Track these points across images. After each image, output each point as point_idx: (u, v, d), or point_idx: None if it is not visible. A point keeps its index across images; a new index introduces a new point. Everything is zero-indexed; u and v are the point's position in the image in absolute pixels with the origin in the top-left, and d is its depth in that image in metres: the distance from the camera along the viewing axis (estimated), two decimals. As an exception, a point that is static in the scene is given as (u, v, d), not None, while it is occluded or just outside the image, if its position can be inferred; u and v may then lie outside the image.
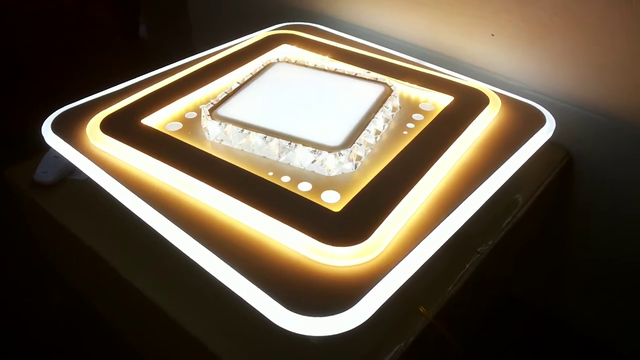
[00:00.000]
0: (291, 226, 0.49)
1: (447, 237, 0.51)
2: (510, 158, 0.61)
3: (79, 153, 0.60)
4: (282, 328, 0.44)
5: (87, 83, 1.37)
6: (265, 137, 0.59)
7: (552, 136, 0.66)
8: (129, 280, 0.58)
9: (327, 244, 0.47)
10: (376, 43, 0.86)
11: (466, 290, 0.59)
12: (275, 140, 0.58)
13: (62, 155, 0.70)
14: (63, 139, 0.63)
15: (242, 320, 0.53)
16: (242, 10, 1.16)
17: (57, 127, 0.64)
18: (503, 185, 0.59)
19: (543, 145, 0.66)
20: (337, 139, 0.59)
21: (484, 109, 0.67)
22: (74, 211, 0.67)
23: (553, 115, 0.68)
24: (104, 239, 0.63)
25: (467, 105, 0.68)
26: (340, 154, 0.56)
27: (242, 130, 0.60)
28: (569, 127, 0.75)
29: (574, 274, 0.87)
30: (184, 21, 1.36)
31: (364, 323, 0.43)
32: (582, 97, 0.74)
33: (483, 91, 0.71)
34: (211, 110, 0.63)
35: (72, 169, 0.71)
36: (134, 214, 0.58)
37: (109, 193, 0.62)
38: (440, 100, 0.70)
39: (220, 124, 0.61)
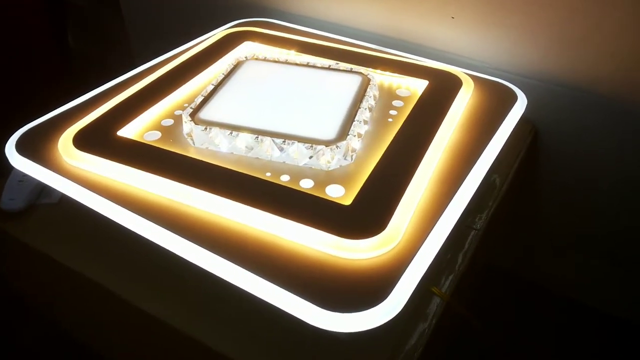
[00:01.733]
0: (306, 224, 0.48)
1: (455, 219, 0.52)
2: (495, 135, 0.63)
3: (54, 174, 0.56)
4: (309, 328, 0.43)
5: (20, 98, 1.29)
6: (257, 137, 0.57)
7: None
8: (131, 301, 0.55)
9: (347, 238, 0.47)
10: (334, 34, 0.86)
11: (471, 267, 0.60)
12: (268, 139, 0.56)
13: (29, 179, 0.65)
14: (32, 160, 0.58)
15: (263, 327, 0.52)
16: (185, 12, 1.12)
17: (22, 148, 0.59)
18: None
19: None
20: (329, 133, 0.58)
21: (459, 90, 0.69)
22: (53, 237, 0.62)
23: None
24: (93, 262, 0.59)
25: (443, 88, 0.69)
26: (337, 147, 0.56)
27: (231, 133, 0.57)
28: (533, 101, 0.77)
29: (547, 239, 0.91)
30: (118, 28, 1.29)
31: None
32: (544, 71, 0.78)
33: (455, 73, 0.72)
34: (192, 115, 0.61)
35: (39, 193, 0.66)
36: (122, 231, 0.54)
37: (89, 213, 0.58)
38: (414, 85, 0.71)
39: (205, 129, 0.58)
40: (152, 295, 0.56)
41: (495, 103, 0.69)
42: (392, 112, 0.66)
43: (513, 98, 0.70)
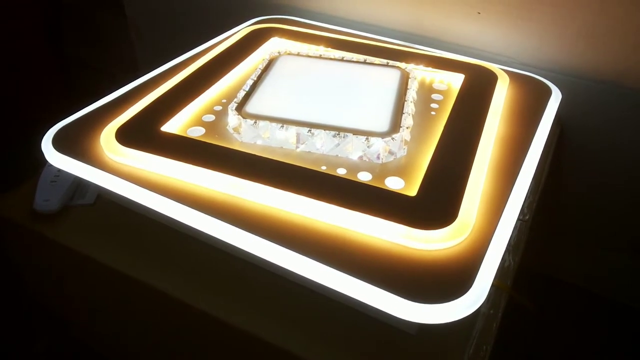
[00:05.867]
0: (376, 216, 0.47)
1: (518, 209, 0.52)
2: (538, 129, 0.63)
3: (99, 170, 0.54)
4: (376, 323, 0.44)
5: (12, 104, 1.25)
6: (310, 130, 0.56)
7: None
8: (182, 299, 0.53)
9: (419, 228, 0.46)
10: (355, 31, 0.85)
11: (523, 257, 0.60)
12: (322, 132, 0.55)
13: (62, 179, 0.63)
14: (73, 157, 0.55)
15: (328, 322, 0.51)
16: (192, 15, 1.10)
17: (60, 145, 0.57)
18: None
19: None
20: (382, 125, 0.57)
21: (496, 84, 0.69)
22: (94, 238, 0.59)
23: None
24: (146, 265, 0.56)
25: (481, 82, 0.69)
26: (393, 139, 0.55)
27: (282, 126, 0.56)
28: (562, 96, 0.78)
29: (566, 234, 0.92)
30: (119, 31, 1.26)
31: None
32: (569, 64, 0.78)
33: (489, 67, 0.72)
34: (238, 110, 0.59)
35: (72, 194, 0.63)
36: (169, 231, 0.55)
37: (128, 213, 0.58)
38: (449, 79, 0.71)
39: (255, 123, 0.57)
40: (207, 293, 0.54)
41: (531, 97, 0.69)
42: (433, 105, 0.65)
43: (548, 92, 0.70)
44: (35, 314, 0.82)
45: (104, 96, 0.65)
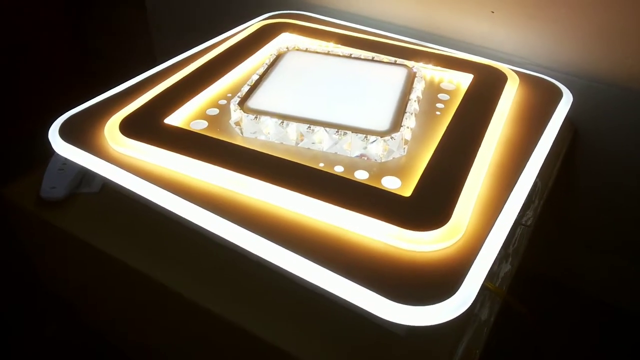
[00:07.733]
0: (367, 215, 0.47)
1: (515, 213, 0.51)
2: (544, 132, 0.62)
3: (102, 160, 0.55)
4: (366, 323, 0.44)
5: (39, 94, 1.28)
6: (309, 127, 0.56)
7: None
8: (176, 290, 0.54)
9: (410, 229, 0.46)
10: (366, 27, 0.85)
11: (522, 264, 0.59)
12: (321, 129, 0.55)
13: (69, 167, 0.64)
14: (77, 147, 0.56)
15: (317, 320, 0.51)
16: (211, 8, 1.10)
17: (66, 134, 0.58)
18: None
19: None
20: (382, 124, 0.57)
21: (505, 85, 0.68)
22: (97, 226, 0.60)
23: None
24: (148, 255, 0.57)
25: (489, 83, 0.68)
26: (392, 138, 0.54)
27: (282, 122, 0.56)
28: (575, 98, 0.77)
29: (577, 238, 0.90)
30: (139, 24, 1.28)
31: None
32: (584, 67, 0.77)
33: (499, 68, 0.71)
34: (240, 104, 0.59)
35: (79, 182, 0.64)
36: (170, 221, 0.54)
37: (132, 202, 0.58)
38: (458, 79, 0.70)
39: (255, 118, 0.57)
40: (200, 285, 0.54)
41: (540, 99, 0.68)
42: (439, 105, 0.65)
43: (558, 95, 0.69)
44: (44, 300, 0.84)
45: (119, 87, 0.66)
